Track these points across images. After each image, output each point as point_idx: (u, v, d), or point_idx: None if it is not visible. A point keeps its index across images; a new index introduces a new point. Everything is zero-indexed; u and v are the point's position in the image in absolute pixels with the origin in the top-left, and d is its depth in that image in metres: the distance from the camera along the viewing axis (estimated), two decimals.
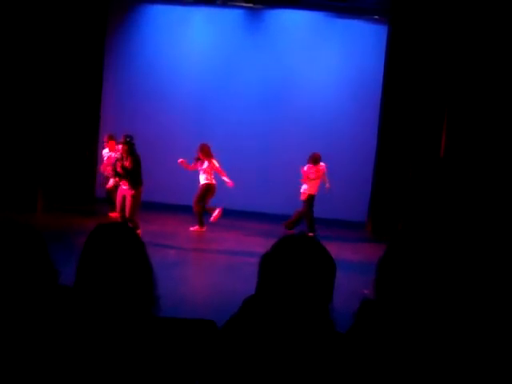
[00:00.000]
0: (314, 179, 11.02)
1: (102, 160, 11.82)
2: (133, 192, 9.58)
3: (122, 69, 13.91)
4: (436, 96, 11.19)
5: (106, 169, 11.34)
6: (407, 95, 11.48)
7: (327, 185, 11.24)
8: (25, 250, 2.16)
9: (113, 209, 11.02)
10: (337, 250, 9.18)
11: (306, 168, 10.98)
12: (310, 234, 10.35)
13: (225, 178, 10.98)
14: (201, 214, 10.92)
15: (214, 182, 10.95)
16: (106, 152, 11.83)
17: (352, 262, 8.84)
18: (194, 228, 10.94)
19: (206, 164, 10.87)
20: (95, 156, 12.52)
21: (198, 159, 10.95)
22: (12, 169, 11.25)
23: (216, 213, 10.89)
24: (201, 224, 10.92)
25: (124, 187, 9.69)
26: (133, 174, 9.55)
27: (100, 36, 12.71)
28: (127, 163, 9.51)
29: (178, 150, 12.56)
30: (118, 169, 9.58)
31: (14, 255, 2.14)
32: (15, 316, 2.06)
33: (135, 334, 1.98)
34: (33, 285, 2.17)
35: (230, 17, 13.90)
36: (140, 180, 9.71)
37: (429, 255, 1.80)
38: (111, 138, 11.65)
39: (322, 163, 11.13)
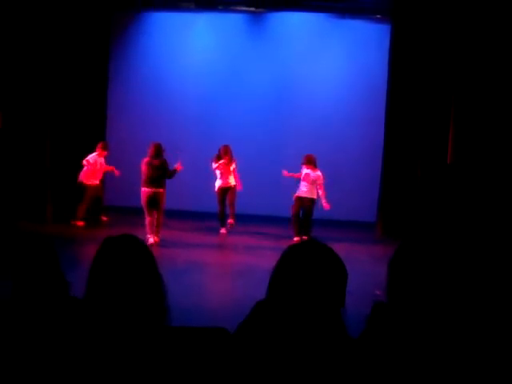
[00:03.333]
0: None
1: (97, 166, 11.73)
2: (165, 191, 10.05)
3: (126, 76, 13.95)
4: (442, 93, 11.15)
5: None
6: (413, 93, 11.45)
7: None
8: (38, 262, 2.19)
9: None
10: (347, 251, 9.13)
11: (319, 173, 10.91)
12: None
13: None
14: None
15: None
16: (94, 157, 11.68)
17: (363, 263, 8.80)
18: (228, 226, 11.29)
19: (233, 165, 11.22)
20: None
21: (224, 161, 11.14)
22: (21, 178, 11.30)
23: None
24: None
25: (160, 190, 9.91)
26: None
27: (104, 44, 12.75)
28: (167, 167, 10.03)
29: (183, 154, 12.57)
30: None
31: (28, 268, 2.17)
32: (28, 326, 2.07)
33: (146, 345, 1.98)
34: (45, 296, 2.19)
35: (233, 21, 13.92)
36: None
37: (439, 256, 1.78)
38: (107, 146, 11.77)
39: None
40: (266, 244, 10.12)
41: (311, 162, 10.91)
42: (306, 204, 10.82)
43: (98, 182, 11.60)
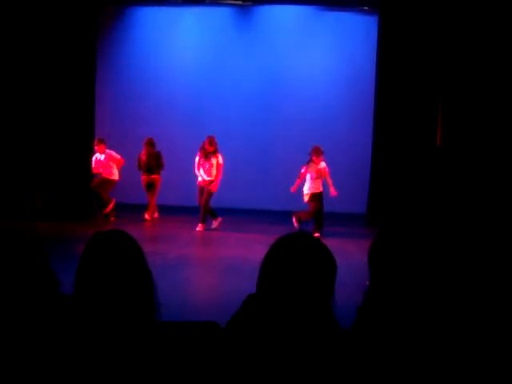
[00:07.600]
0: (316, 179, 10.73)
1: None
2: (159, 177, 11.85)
3: (114, 72, 13.89)
4: (430, 83, 11.18)
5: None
6: (401, 84, 11.46)
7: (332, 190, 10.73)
8: (27, 261, 2.17)
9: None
10: (338, 243, 9.19)
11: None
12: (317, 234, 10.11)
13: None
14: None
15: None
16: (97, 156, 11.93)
17: (353, 254, 8.83)
18: (202, 227, 10.96)
19: (220, 158, 10.82)
20: (91, 160, 12.46)
21: (211, 154, 10.81)
22: (9, 176, 11.23)
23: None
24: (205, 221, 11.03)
25: (153, 177, 11.69)
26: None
27: (90, 40, 12.64)
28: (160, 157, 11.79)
29: (172, 150, 12.57)
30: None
31: (17, 266, 2.16)
32: (17, 326, 2.06)
33: (137, 341, 1.97)
34: (34, 295, 2.18)
35: (220, 15, 13.89)
36: None
37: (421, 245, 1.79)
38: (101, 141, 11.87)
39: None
40: (255, 238, 10.12)
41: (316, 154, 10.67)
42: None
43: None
